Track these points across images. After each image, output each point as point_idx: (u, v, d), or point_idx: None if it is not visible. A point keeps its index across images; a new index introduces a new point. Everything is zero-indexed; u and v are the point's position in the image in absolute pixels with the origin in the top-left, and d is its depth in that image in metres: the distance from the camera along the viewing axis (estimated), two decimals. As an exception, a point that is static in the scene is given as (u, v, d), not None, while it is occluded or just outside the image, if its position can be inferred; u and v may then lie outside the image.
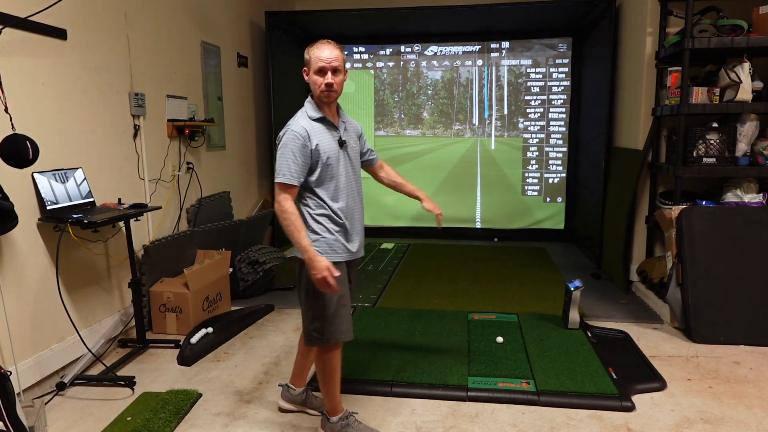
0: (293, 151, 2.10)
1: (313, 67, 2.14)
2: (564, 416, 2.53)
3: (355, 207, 2.29)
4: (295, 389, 2.57)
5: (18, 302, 2.65)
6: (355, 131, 2.40)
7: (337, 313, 2.21)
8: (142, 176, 3.65)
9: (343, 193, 2.23)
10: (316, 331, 2.22)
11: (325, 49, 2.12)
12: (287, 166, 2.11)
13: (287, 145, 2.12)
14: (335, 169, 2.20)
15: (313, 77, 2.15)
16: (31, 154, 2.39)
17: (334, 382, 2.31)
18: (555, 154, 6.27)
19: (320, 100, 2.19)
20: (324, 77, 2.14)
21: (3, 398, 2.00)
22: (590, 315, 3.81)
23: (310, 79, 2.17)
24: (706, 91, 3.68)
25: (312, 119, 2.18)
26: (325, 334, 2.21)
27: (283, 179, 2.12)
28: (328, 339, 2.22)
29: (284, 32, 5.75)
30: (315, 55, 2.13)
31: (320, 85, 2.14)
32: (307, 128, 2.14)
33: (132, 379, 2.85)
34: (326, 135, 2.18)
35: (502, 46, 6.20)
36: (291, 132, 2.13)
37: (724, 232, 3.50)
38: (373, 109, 6.55)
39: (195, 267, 3.63)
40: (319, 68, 2.13)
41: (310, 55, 2.14)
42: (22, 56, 2.67)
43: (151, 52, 3.73)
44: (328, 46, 2.13)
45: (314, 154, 2.14)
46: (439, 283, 4.62)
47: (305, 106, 2.22)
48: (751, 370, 2.98)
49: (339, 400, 2.36)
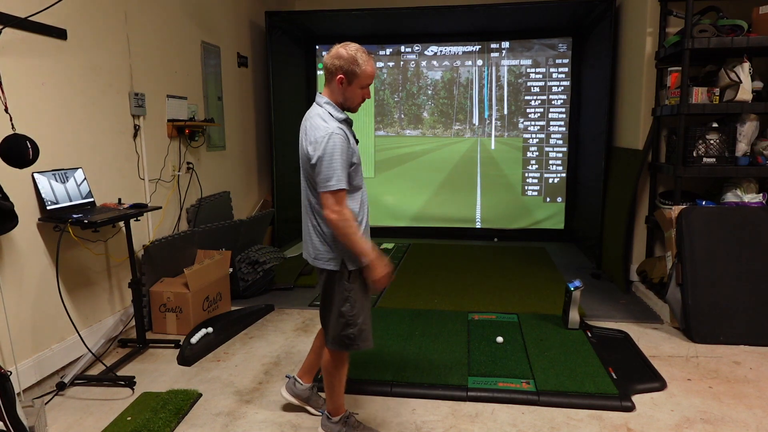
0: (342, 155, 1.99)
1: (362, 82, 2.06)
2: (564, 416, 2.53)
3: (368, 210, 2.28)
4: (302, 384, 2.57)
5: (18, 302, 2.65)
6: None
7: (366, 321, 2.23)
8: (142, 176, 3.65)
9: (365, 192, 2.21)
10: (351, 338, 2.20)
11: (373, 66, 2.09)
12: (338, 171, 1.98)
13: (335, 149, 1.98)
14: (359, 171, 2.15)
15: (356, 90, 2.08)
16: (31, 154, 2.39)
17: (341, 384, 2.32)
18: (555, 154, 6.27)
19: (351, 110, 2.15)
20: (365, 93, 2.11)
21: (3, 398, 2.00)
22: (590, 315, 3.81)
23: (352, 90, 2.08)
24: (706, 91, 3.68)
25: (340, 120, 2.09)
26: (358, 340, 2.20)
27: (339, 185, 1.99)
28: (359, 346, 2.22)
29: (284, 32, 5.74)
30: (367, 72, 2.05)
31: (359, 99, 2.11)
32: (344, 129, 2.06)
33: (132, 379, 2.85)
34: (350, 135, 2.14)
35: (502, 46, 6.20)
36: (335, 134, 1.99)
37: (724, 232, 3.50)
38: (373, 109, 6.54)
39: (195, 267, 3.63)
40: (367, 84, 2.08)
41: (362, 70, 2.04)
42: (22, 56, 2.67)
43: (151, 52, 3.73)
44: (372, 61, 2.08)
45: (354, 157, 2.09)
46: (439, 283, 4.62)
47: (324, 108, 2.09)
48: (751, 370, 2.99)
49: (342, 402, 2.37)
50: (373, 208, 6.61)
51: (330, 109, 2.10)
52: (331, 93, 2.12)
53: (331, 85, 2.10)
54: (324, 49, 6.43)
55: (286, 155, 5.87)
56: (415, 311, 3.88)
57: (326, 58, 2.09)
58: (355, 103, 2.12)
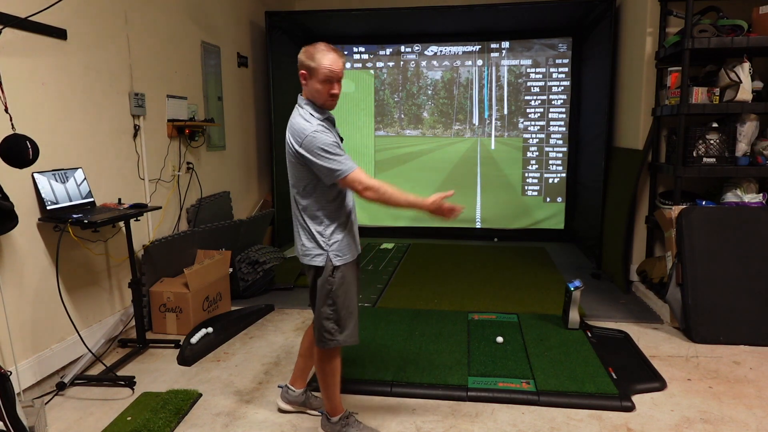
0: (333, 144, 2.05)
1: (320, 75, 2.06)
2: (564, 416, 2.53)
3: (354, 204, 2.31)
4: (294, 390, 2.57)
5: (18, 302, 2.65)
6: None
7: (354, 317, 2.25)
8: (142, 176, 3.65)
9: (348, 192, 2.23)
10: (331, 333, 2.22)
11: (335, 58, 2.07)
12: (338, 159, 2.03)
13: (325, 143, 2.02)
14: None
15: (318, 85, 2.08)
16: (31, 154, 2.39)
17: (335, 383, 2.32)
18: (555, 154, 6.27)
19: (324, 107, 2.16)
20: (331, 87, 2.10)
21: (3, 398, 2.00)
22: (590, 315, 3.81)
23: (313, 86, 2.09)
24: (706, 91, 3.68)
25: (320, 119, 2.12)
26: (338, 335, 2.23)
27: (352, 165, 2.04)
28: (340, 341, 2.23)
29: (284, 32, 5.74)
30: (323, 64, 2.05)
31: (326, 94, 2.10)
32: (325, 126, 2.10)
33: (132, 379, 2.85)
34: (333, 133, 2.16)
35: (502, 46, 6.20)
36: (318, 132, 2.04)
37: (724, 232, 3.50)
38: (373, 109, 6.55)
39: (195, 267, 3.63)
40: (327, 77, 2.07)
41: (317, 63, 2.05)
42: (22, 56, 2.67)
43: (151, 52, 3.73)
44: (333, 54, 2.07)
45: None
46: (439, 283, 4.62)
47: (305, 108, 2.13)
48: (751, 370, 2.98)
49: (339, 401, 2.36)
50: (374, 207, 6.61)
51: (310, 109, 2.13)
52: (305, 93, 2.17)
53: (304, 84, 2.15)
54: (324, 49, 6.43)
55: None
56: (415, 311, 3.88)
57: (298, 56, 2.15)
58: (321, 99, 2.12)
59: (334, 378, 2.31)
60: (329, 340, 2.23)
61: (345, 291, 2.21)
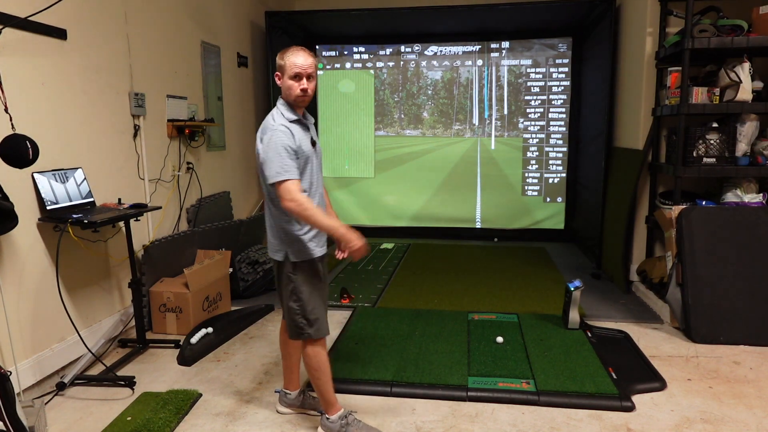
0: (285, 147, 2.12)
1: (288, 72, 2.18)
2: (564, 416, 2.53)
3: (323, 206, 2.38)
4: (290, 393, 2.57)
5: (18, 302, 2.65)
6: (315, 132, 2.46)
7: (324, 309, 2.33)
8: (142, 176, 3.65)
9: (316, 191, 2.30)
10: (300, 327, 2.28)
11: (300, 56, 2.18)
12: (283, 162, 2.11)
13: (277, 143, 2.12)
14: (310, 169, 2.26)
15: (288, 82, 2.19)
16: (31, 154, 2.39)
17: (325, 377, 2.34)
18: (555, 154, 6.26)
19: (295, 104, 2.24)
20: (300, 83, 2.18)
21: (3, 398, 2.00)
22: (590, 315, 3.81)
23: (284, 83, 2.20)
24: (706, 91, 3.68)
25: (290, 120, 2.21)
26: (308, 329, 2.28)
27: (286, 176, 2.11)
28: (310, 334, 2.29)
29: (284, 32, 5.74)
30: (291, 61, 2.17)
31: (296, 90, 2.19)
32: (289, 128, 2.18)
33: (132, 379, 2.85)
34: (303, 135, 2.24)
35: (502, 46, 6.20)
36: (278, 131, 2.14)
37: (724, 232, 3.50)
38: (373, 109, 6.54)
39: (195, 267, 3.63)
40: (295, 74, 2.17)
41: (285, 61, 2.18)
42: (22, 56, 2.67)
43: (151, 52, 3.73)
44: (302, 53, 2.19)
45: (298, 154, 2.19)
46: (439, 283, 4.62)
47: (278, 108, 2.24)
48: (751, 370, 2.99)
49: (334, 398, 2.37)
50: (374, 208, 6.62)
51: (282, 109, 2.23)
52: (282, 93, 2.25)
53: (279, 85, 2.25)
54: (324, 49, 6.44)
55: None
56: (415, 311, 3.88)
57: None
58: (292, 96, 2.20)
59: (323, 374, 2.33)
60: (301, 333, 2.30)
61: (309, 287, 2.28)
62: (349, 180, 6.64)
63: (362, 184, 6.61)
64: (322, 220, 2.12)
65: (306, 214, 2.10)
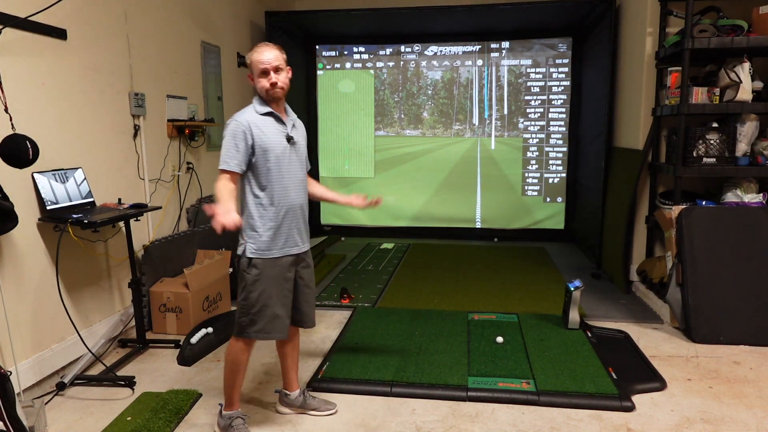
0: (235, 141, 2.18)
1: (256, 70, 2.21)
2: (564, 416, 2.53)
3: (301, 203, 2.36)
4: (290, 394, 2.57)
5: (18, 302, 2.65)
6: (303, 131, 2.45)
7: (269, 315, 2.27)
8: (142, 176, 3.65)
9: (290, 189, 2.29)
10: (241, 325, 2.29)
11: (264, 52, 2.21)
12: (229, 154, 2.19)
13: (228, 135, 2.20)
14: (281, 164, 2.26)
15: (258, 79, 2.22)
16: (31, 154, 2.40)
17: (233, 377, 2.36)
18: (555, 154, 6.27)
19: (270, 99, 2.25)
20: (268, 78, 2.21)
21: (3, 398, 2.00)
22: (590, 315, 3.81)
23: (256, 80, 2.23)
24: (706, 91, 3.68)
25: (259, 113, 2.24)
26: (249, 329, 2.28)
27: (224, 166, 2.19)
28: (250, 335, 2.29)
29: (284, 32, 5.74)
30: (256, 59, 2.20)
31: (266, 85, 2.21)
32: (250, 121, 2.21)
33: (132, 379, 2.85)
34: (272, 129, 2.25)
35: (502, 46, 6.20)
36: (234, 122, 2.20)
37: (724, 232, 3.50)
38: (373, 109, 6.55)
39: (195, 267, 3.63)
40: (262, 71, 2.20)
41: (252, 60, 2.22)
42: (22, 56, 2.67)
43: (151, 52, 3.73)
44: (266, 48, 2.22)
45: (257, 147, 2.21)
46: (439, 283, 4.62)
47: (253, 102, 2.28)
48: (751, 370, 2.98)
49: (236, 397, 2.40)
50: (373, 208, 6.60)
51: (255, 103, 2.28)
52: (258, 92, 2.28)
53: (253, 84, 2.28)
54: (324, 49, 6.44)
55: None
56: (415, 311, 3.88)
57: None
58: (263, 91, 2.23)
59: (234, 374, 2.36)
60: (241, 331, 2.30)
61: (261, 288, 2.26)
62: (349, 180, 6.64)
63: (362, 184, 6.61)
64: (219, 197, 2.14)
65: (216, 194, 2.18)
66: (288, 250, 2.31)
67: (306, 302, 2.45)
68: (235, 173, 2.20)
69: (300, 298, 2.42)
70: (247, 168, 2.23)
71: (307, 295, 2.45)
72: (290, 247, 2.32)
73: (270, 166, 2.23)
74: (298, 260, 2.38)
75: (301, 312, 2.44)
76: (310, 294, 2.47)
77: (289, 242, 2.31)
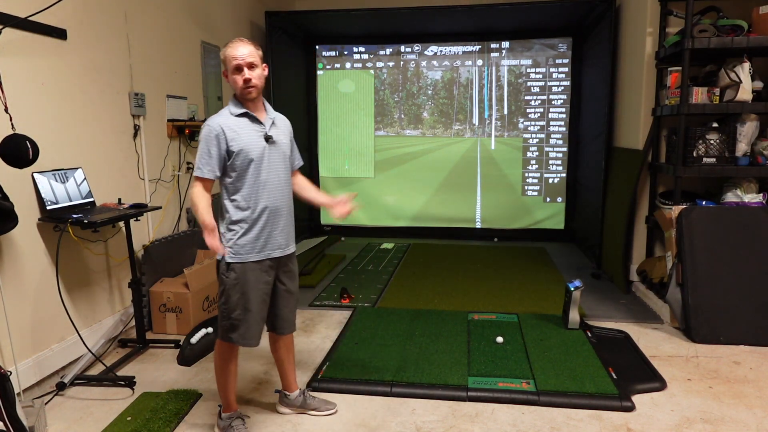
0: (208, 146, 2.15)
1: (230, 66, 2.15)
2: (564, 416, 2.53)
3: (282, 205, 2.29)
4: (289, 394, 2.57)
5: (18, 302, 2.65)
6: (287, 128, 2.38)
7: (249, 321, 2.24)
8: (142, 176, 3.65)
9: (269, 190, 2.23)
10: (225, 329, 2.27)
11: (238, 47, 2.13)
12: (202, 160, 2.17)
13: (201, 140, 2.18)
14: (259, 166, 2.19)
15: (232, 77, 2.16)
16: (31, 154, 2.40)
17: (225, 380, 2.36)
18: (555, 154, 6.26)
19: (243, 97, 2.20)
20: (242, 74, 2.15)
21: (3, 398, 2.00)
22: (590, 315, 3.81)
23: (230, 79, 2.18)
24: (706, 91, 3.68)
25: (234, 115, 2.19)
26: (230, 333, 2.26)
27: (197, 173, 2.18)
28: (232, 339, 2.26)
29: (284, 32, 5.74)
30: (230, 55, 2.14)
31: (239, 82, 2.16)
32: (223, 124, 2.15)
33: (132, 379, 2.85)
34: (249, 130, 2.19)
35: (502, 46, 6.20)
36: (206, 127, 2.16)
37: (724, 232, 3.50)
38: (373, 109, 6.54)
39: (195, 267, 3.63)
40: (235, 66, 2.14)
41: (225, 56, 2.15)
42: (22, 56, 2.67)
43: (151, 52, 3.73)
44: (240, 44, 2.14)
45: (232, 151, 2.15)
46: (439, 283, 4.62)
47: (228, 104, 2.24)
48: (751, 370, 2.99)
49: (232, 399, 2.39)
50: (374, 208, 6.62)
51: (230, 104, 2.24)
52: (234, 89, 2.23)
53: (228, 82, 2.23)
54: (324, 49, 6.44)
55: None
56: (415, 311, 3.88)
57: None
58: (238, 89, 2.18)
59: (225, 376, 2.35)
60: (223, 336, 2.28)
61: (240, 292, 2.20)
62: (349, 180, 6.64)
63: (362, 184, 6.61)
64: (199, 213, 2.14)
65: (191, 201, 2.18)
66: (269, 253, 2.25)
67: (286, 307, 2.39)
68: (208, 180, 2.17)
69: (280, 303, 2.37)
70: (223, 172, 2.20)
71: (288, 300, 2.39)
72: (271, 250, 2.25)
73: (246, 168, 2.17)
74: (279, 264, 2.32)
75: (280, 318, 2.39)
76: (291, 299, 2.41)
77: (269, 245, 2.24)
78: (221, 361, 2.34)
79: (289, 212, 2.33)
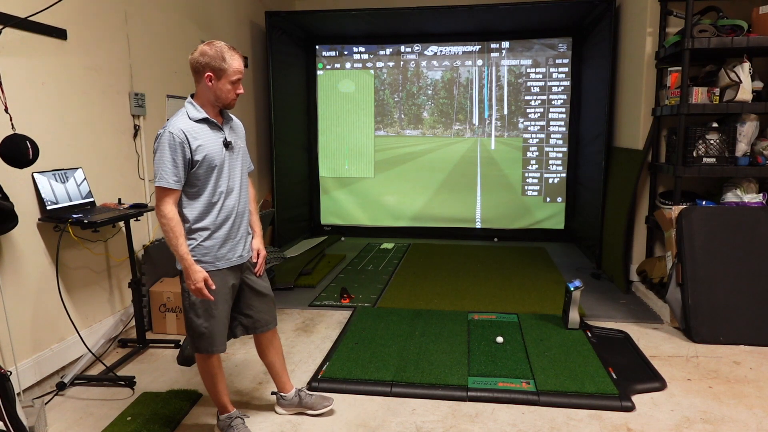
0: (172, 155, 2.04)
1: (230, 77, 2.09)
2: (564, 416, 2.53)
3: (244, 210, 2.27)
4: (286, 395, 2.57)
5: (18, 302, 2.65)
6: (242, 132, 2.36)
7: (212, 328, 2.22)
8: (142, 176, 3.65)
9: (229, 196, 2.19)
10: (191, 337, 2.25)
11: (238, 59, 2.12)
12: (166, 169, 2.04)
13: (164, 148, 2.04)
14: (220, 172, 2.15)
15: (225, 86, 2.10)
16: (31, 154, 2.40)
17: (213, 386, 2.35)
18: (555, 154, 6.26)
19: (227, 107, 2.18)
20: (236, 87, 2.13)
21: (3, 398, 2.00)
22: (590, 315, 3.81)
23: (219, 86, 2.10)
24: (706, 91, 3.68)
25: (194, 120, 2.11)
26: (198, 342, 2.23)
27: (163, 183, 2.04)
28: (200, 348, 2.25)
29: (284, 32, 5.74)
30: (233, 67, 2.09)
31: (231, 94, 2.13)
32: (185, 129, 2.07)
33: (132, 379, 2.85)
34: (209, 136, 2.13)
35: (502, 46, 6.20)
36: (168, 134, 2.04)
37: (724, 232, 3.50)
38: (373, 109, 6.54)
39: (195, 267, 3.62)
40: (237, 79, 2.12)
41: (228, 65, 2.07)
42: (22, 56, 2.67)
43: (151, 52, 3.73)
44: (238, 56, 2.13)
45: (195, 157, 2.08)
46: (439, 283, 4.62)
47: (186, 107, 2.14)
48: (751, 370, 2.99)
49: (225, 401, 2.39)
50: (374, 208, 6.62)
51: (188, 108, 2.13)
52: (199, 92, 2.14)
53: (200, 84, 2.12)
54: (324, 49, 6.44)
55: (286, 155, 5.87)
56: (415, 311, 3.88)
57: (192, 56, 2.10)
58: (228, 99, 2.14)
59: (213, 381, 2.33)
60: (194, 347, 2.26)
61: (202, 300, 2.16)
62: (349, 180, 6.64)
63: (362, 184, 6.62)
64: (174, 243, 2.05)
65: (164, 229, 2.06)
66: (231, 261, 2.21)
67: (257, 307, 2.35)
68: (175, 191, 2.07)
69: (251, 303, 2.34)
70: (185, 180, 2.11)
71: (258, 300, 2.35)
72: (234, 255, 2.22)
73: (207, 175, 2.12)
74: (243, 267, 2.29)
75: (254, 319, 2.36)
76: (264, 299, 2.37)
77: (231, 251, 2.21)
78: (203, 370, 2.33)
79: (248, 217, 2.32)
